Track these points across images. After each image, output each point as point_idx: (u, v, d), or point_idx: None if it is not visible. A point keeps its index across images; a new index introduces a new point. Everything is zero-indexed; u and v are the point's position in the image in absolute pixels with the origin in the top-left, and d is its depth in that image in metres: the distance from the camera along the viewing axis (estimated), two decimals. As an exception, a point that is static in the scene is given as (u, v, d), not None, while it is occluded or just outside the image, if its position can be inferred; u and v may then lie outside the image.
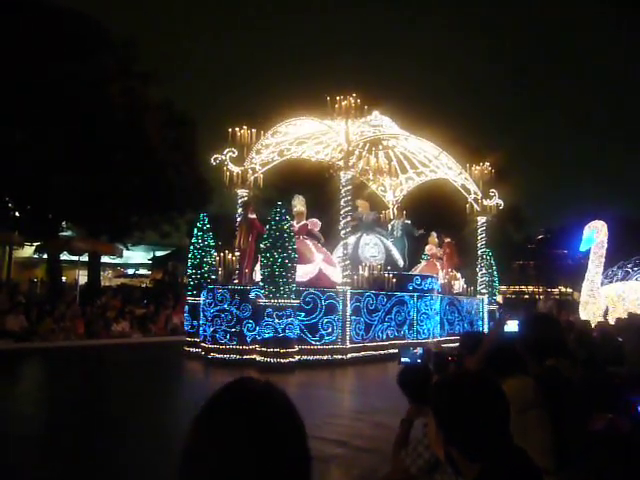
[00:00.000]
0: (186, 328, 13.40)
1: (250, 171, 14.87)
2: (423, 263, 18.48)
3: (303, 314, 11.77)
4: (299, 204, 13.54)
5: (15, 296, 17.11)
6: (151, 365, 12.06)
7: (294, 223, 12.84)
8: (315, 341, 11.87)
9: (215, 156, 14.68)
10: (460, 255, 17.87)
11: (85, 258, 22.63)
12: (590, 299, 17.95)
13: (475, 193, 17.44)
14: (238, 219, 14.42)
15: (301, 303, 11.72)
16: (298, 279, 11.84)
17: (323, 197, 17.51)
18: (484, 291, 17.32)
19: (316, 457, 1.10)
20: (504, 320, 12.82)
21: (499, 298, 24.46)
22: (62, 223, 23.05)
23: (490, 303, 17.72)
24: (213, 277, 12.91)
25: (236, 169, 14.68)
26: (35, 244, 22.97)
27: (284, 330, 11.11)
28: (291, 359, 11.20)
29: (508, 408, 1.74)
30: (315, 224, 13.57)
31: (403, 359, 3.45)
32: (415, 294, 14.48)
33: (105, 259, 27.18)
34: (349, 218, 12.73)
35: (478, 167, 17.36)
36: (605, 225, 18.22)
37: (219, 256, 12.82)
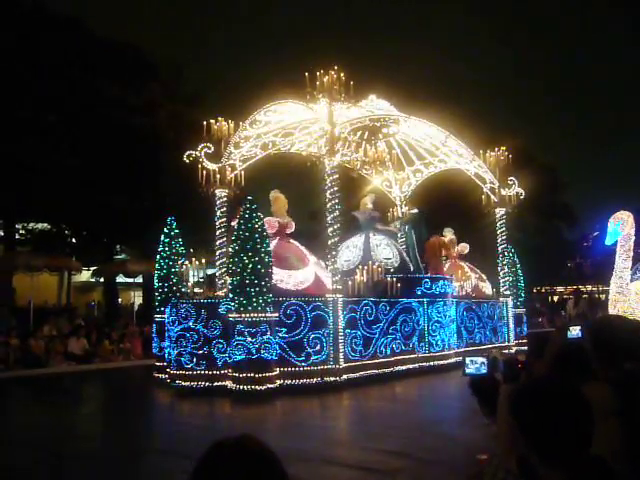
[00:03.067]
0: (154, 351, 11.56)
1: (229, 168, 13.06)
2: (445, 266, 16.41)
3: (284, 330, 9.83)
4: (275, 200, 11.70)
5: (75, 320, 17.75)
6: (112, 395, 10.28)
7: (273, 222, 11.03)
8: (300, 361, 9.90)
9: (188, 152, 12.88)
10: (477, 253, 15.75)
11: (140, 279, 23.01)
12: (620, 296, 15.79)
13: (491, 182, 15.37)
14: (218, 222, 12.68)
15: (281, 316, 9.78)
16: (291, 287, 9.97)
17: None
18: (507, 293, 15.14)
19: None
20: (567, 324, 11.30)
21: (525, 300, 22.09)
22: (116, 247, 24.55)
23: (516, 306, 15.53)
24: (184, 290, 11.08)
25: (213, 166, 12.88)
26: (92, 268, 24.15)
27: (259, 350, 9.17)
28: (269, 385, 9.25)
29: (592, 416, 1.72)
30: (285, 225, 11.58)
31: (467, 370, 3.17)
32: (425, 299, 12.42)
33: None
34: (336, 213, 10.77)
35: (493, 153, 15.35)
36: (631, 216, 16.09)
37: (185, 265, 10.94)
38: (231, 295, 9.47)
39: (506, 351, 14.81)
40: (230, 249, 9.63)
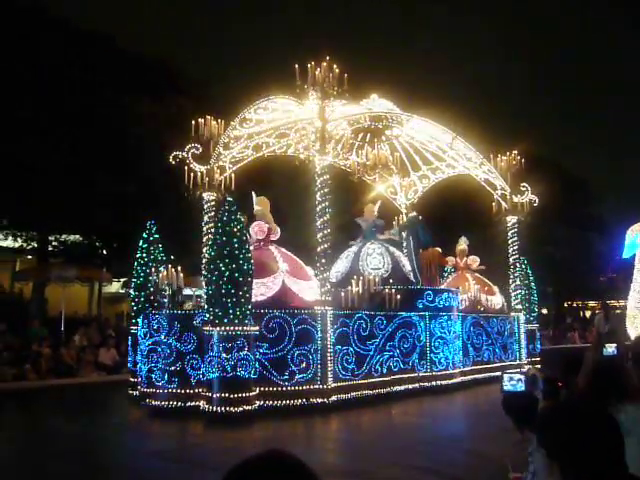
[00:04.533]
0: (129, 365, 10.67)
1: (218, 170, 12.21)
2: (450, 278, 15.42)
3: (266, 345, 8.88)
4: (260, 204, 10.80)
5: (105, 330, 17.69)
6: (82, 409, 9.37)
7: (264, 227, 10.17)
8: (283, 381, 8.92)
9: (175, 153, 12.06)
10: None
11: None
12: (638, 312, 14.70)
13: (502, 188, 14.34)
14: (205, 227, 11.85)
15: (262, 330, 8.84)
16: (256, 298, 9.03)
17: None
18: (519, 307, 14.04)
19: None
20: (603, 341, 10.69)
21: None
22: None
23: (528, 321, 14.43)
24: (164, 300, 10.17)
25: (200, 168, 12.04)
26: (121, 280, 24.22)
27: (234, 368, 8.21)
28: (246, 407, 8.28)
29: (622, 438, 1.73)
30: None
31: (505, 387, 3.20)
32: (427, 313, 11.39)
33: (187, 291, 26.48)
34: (327, 217, 9.83)
35: (504, 157, 14.34)
36: (650, 227, 15.03)
37: (158, 273, 10.01)
38: (206, 306, 8.56)
39: (520, 369, 13.71)
40: (206, 255, 8.73)
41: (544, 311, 30.61)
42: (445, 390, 11.31)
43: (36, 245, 21.99)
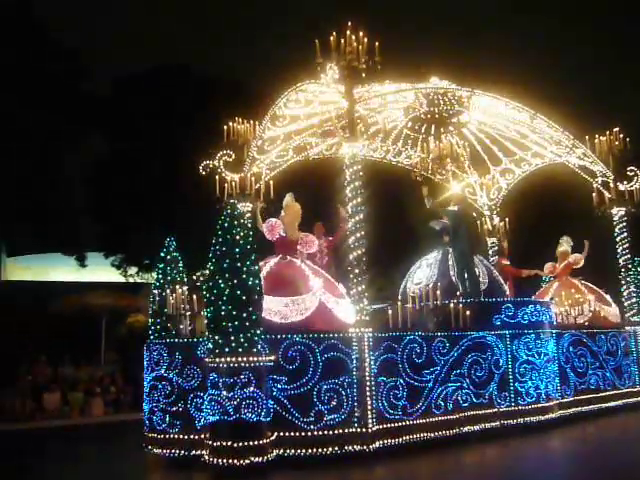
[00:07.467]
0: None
1: (252, 178, 10.75)
2: (552, 286, 12.80)
3: (284, 379, 7.14)
4: (286, 210, 9.17)
5: None
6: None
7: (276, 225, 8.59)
8: (308, 424, 7.10)
9: (205, 163, 10.77)
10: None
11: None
12: None
13: (603, 175, 11.71)
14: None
15: (280, 360, 7.12)
16: (277, 320, 7.35)
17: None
18: (636, 319, 11.23)
19: None
20: None
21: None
22: None
23: (650, 337, 11.52)
24: (181, 326, 8.75)
25: (233, 177, 10.65)
26: None
27: (238, 409, 6.55)
28: (257, 458, 6.55)
29: None
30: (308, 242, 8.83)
31: None
32: (507, 332, 9.10)
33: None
34: (361, 216, 7.98)
35: (603, 138, 11.73)
36: None
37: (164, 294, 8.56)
38: (206, 333, 7.01)
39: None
40: (207, 270, 7.21)
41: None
42: (538, 428, 8.90)
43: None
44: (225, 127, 10.78)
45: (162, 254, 9.22)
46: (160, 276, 9.05)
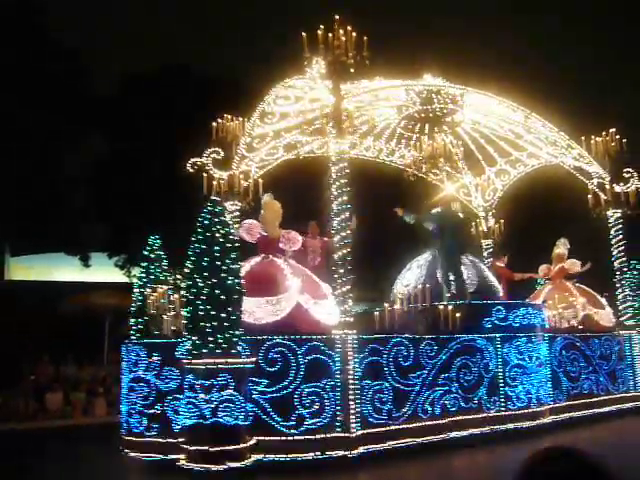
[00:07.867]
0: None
1: (241, 176, 10.55)
2: (545, 289, 12.58)
3: (264, 382, 6.93)
4: (265, 207, 8.95)
5: None
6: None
7: (254, 226, 8.36)
8: (289, 427, 6.90)
9: (193, 160, 10.56)
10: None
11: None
12: None
13: (599, 176, 11.51)
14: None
15: (260, 362, 6.92)
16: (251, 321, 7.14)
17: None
18: (631, 323, 11.01)
19: None
20: None
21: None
22: None
23: (645, 342, 11.30)
24: (163, 326, 8.53)
25: (221, 174, 10.45)
26: None
27: (215, 412, 6.34)
28: (234, 463, 6.35)
29: None
30: (291, 239, 8.55)
31: None
32: (497, 335, 8.89)
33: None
34: (346, 215, 7.77)
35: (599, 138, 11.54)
36: None
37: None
38: (184, 333, 6.81)
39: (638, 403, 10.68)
40: (186, 268, 6.99)
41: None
42: (528, 434, 8.69)
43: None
44: (214, 124, 10.61)
45: (145, 252, 9.03)
46: (143, 275, 8.86)
